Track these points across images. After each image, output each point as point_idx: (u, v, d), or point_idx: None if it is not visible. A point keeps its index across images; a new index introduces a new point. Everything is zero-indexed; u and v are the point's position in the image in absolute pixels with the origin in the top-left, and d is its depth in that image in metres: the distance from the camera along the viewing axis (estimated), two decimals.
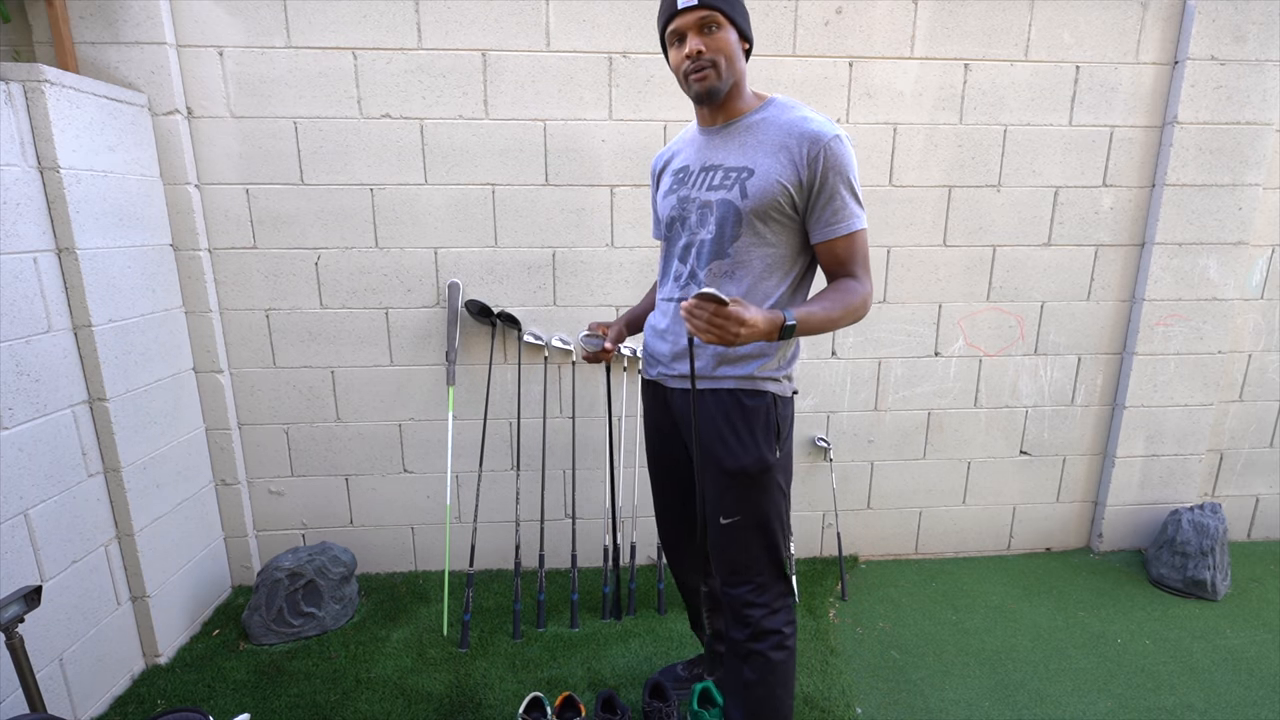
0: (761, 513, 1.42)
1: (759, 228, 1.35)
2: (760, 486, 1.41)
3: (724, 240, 1.37)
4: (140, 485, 1.96)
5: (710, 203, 1.38)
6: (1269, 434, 2.77)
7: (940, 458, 2.65)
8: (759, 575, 1.44)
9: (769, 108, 1.39)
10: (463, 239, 2.30)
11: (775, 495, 1.43)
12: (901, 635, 2.22)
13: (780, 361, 1.41)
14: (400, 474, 2.47)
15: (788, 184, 1.31)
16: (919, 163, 2.37)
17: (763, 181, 1.32)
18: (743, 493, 1.42)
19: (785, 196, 1.32)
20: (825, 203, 1.32)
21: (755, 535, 1.43)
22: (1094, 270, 2.51)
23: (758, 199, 1.32)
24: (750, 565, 1.44)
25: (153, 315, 2.04)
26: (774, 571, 1.46)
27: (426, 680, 1.98)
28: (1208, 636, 2.21)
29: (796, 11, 2.21)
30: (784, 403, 1.44)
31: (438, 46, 2.15)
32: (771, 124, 1.36)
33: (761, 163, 1.33)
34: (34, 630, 1.56)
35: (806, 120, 1.33)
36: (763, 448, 1.39)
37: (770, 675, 1.44)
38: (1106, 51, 2.32)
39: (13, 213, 1.60)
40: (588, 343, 1.57)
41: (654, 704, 1.77)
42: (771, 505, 1.43)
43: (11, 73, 1.62)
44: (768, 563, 1.45)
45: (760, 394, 1.40)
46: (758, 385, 1.40)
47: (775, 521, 1.44)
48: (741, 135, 1.38)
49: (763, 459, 1.39)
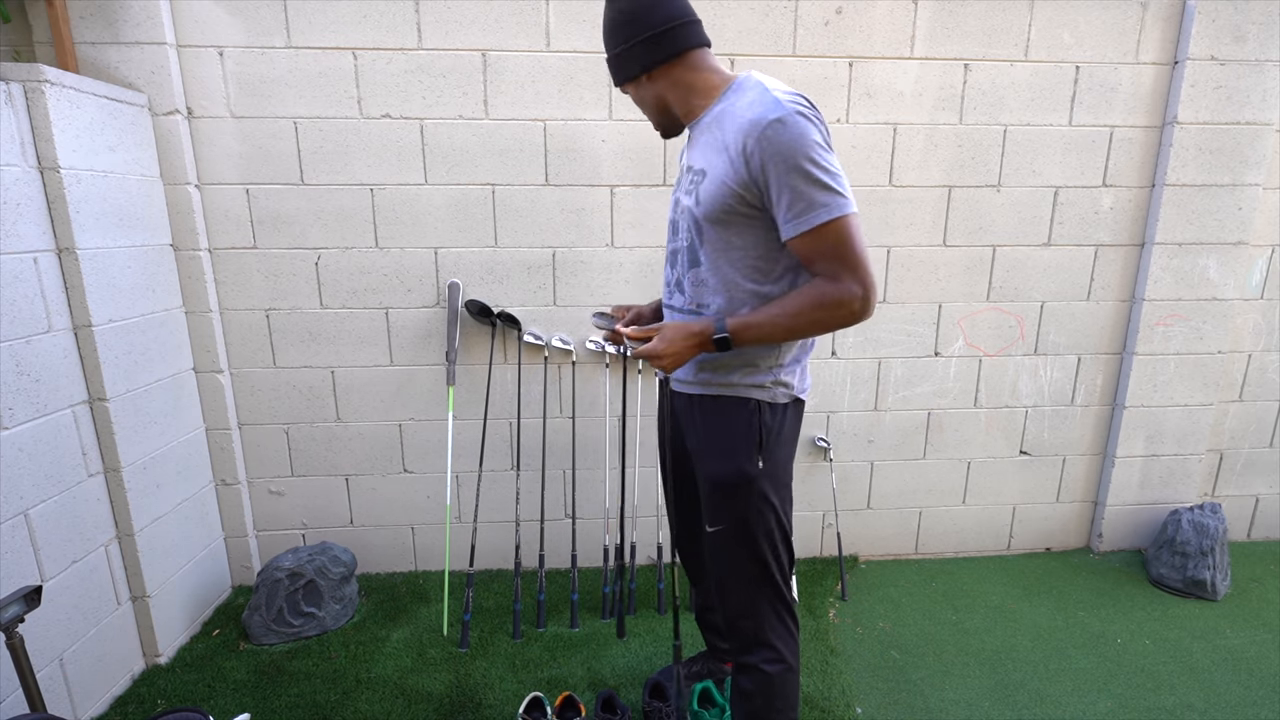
0: (743, 525, 1.35)
1: (722, 232, 1.26)
2: (740, 498, 1.34)
3: (695, 248, 1.31)
4: (140, 485, 1.97)
5: (685, 207, 1.32)
6: (1269, 434, 2.77)
7: (940, 458, 2.65)
8: (748, 587, 1.39)
9: (728, 94, 1.26)
10: (463, 239, 2.30)
11: (759, 508, 1.34)
12: (901, 635, 2.22)
13: (770, 368, 1.32)
14: (400, 474, 2.47)
15: (732, 183, 1.20)
16: (919, 163, 2.37)
17: (711, 185, 1.23)
18: (723, 503, 1.36)
19: (735, 197, 1.21)
20: (779, 197, 1.16)
21: (739, 547, 1.37)
22: (1094, 270, 2.51)
23: (708, 204, 1.24)
24: (737, 576, 1.39)
25: (153, 315, 2.04)
26: (765, 586, 1.38)
27: (426, 680, 1.98)
28: (1208, 636, 2.21)
29: (796, 11, 2.21)
30: (773, 410, 1.34)
31: (438, 46, 2.15)
32: (727, 115, 1.23)
33: (713, 163, 1.23)
34: (34, 630, 1.56)
35: (749, 106, 1.18)
36: (740, 458, 1.32)
37: (767, 688, 1.40)
38: (1106, 51, 2.32)
39: (13, 213, 1.60)
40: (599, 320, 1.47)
41: (654, 704, 1.77)
42: (755, 518, 1.35)
43: (11, 73, 1.62)
44: (756, 576, 1.38)
45: (742, 401, 1.33)
46: (739, 392, 1.32)
47: (760, 535, 1.35)
48: (707, 131, 1.28)
49: (741, 470, 1.32)
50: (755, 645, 1.41)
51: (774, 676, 1.39)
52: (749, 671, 1.42)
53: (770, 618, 1.40)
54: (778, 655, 1.40)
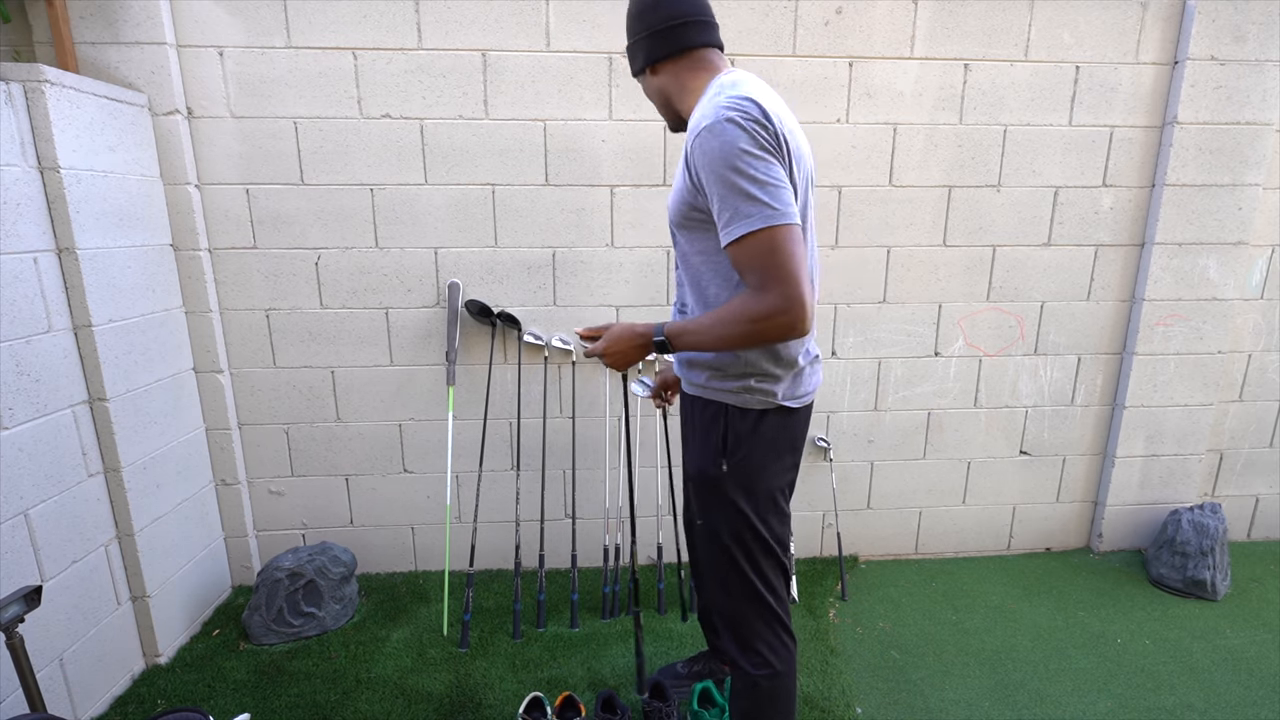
0: (713, 523, 1.36)
1: (690, 237, 1.29)
2: (710, 495, 1.35)
3: (678, 252, 1.38)
4: (140, 485, 1.97)
5: None
6: (1269, 434, 2.77)
7: (940, 458, 2.65)
8: (727, 588, 1.38)
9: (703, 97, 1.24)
10: (463, 239, 2.30)
11: (726, 509, 1.33)
12: (901, 635, 2.22)
13: (739, 375, 1.29)
14: (400, 474, 2.47)
15: (685, 191, 1.23)
16: (919, 163, 2.37)
17: (674, 191, 1.29)
18: (695, 498, 1.42)
19: (687, 204, 1.23)
20: (712, 205, 1.16)
21: (710, 544, 1.38)
22: (1094, 270, 2.51)
23: (673, 210, 1.30)
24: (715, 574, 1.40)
25: (153, 315, 2.04)
26: (746, 591, 1.36)
27: (426, 680, 1.98)
28: (1208, 636, 2.21)
29: (796, 11, 2.21)
30: (743, 415, 1.31)
31: (438, 46, 2.15)
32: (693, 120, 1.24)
33: (677, 171, 1.30)
34: (34, 630, 1.56)
35: (698, 111, 1.19)
36: (706, 458, 1.34)
37: (755, 693, 1.39)
38: (1106, 51, 2.32)
39: (13, 213, 1.60)
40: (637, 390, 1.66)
41: (654, 704, 1.77)
42: (722, 518, 1.34)
43: (12, 73, 1.62)
44: (734, 579, 1.36)
45: (710, 403, 1.35)
46: (709, 395, 1.34)
47: (728, 537, 1.34)
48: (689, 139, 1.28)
49: (704, 470, 1.35)
50: (743, 649, 1.40)
51: (760, 681, 1.38)
52: (739, 674, 1.42)
53: (756, 623, 1.38)
54: (764, 661, 1.38)
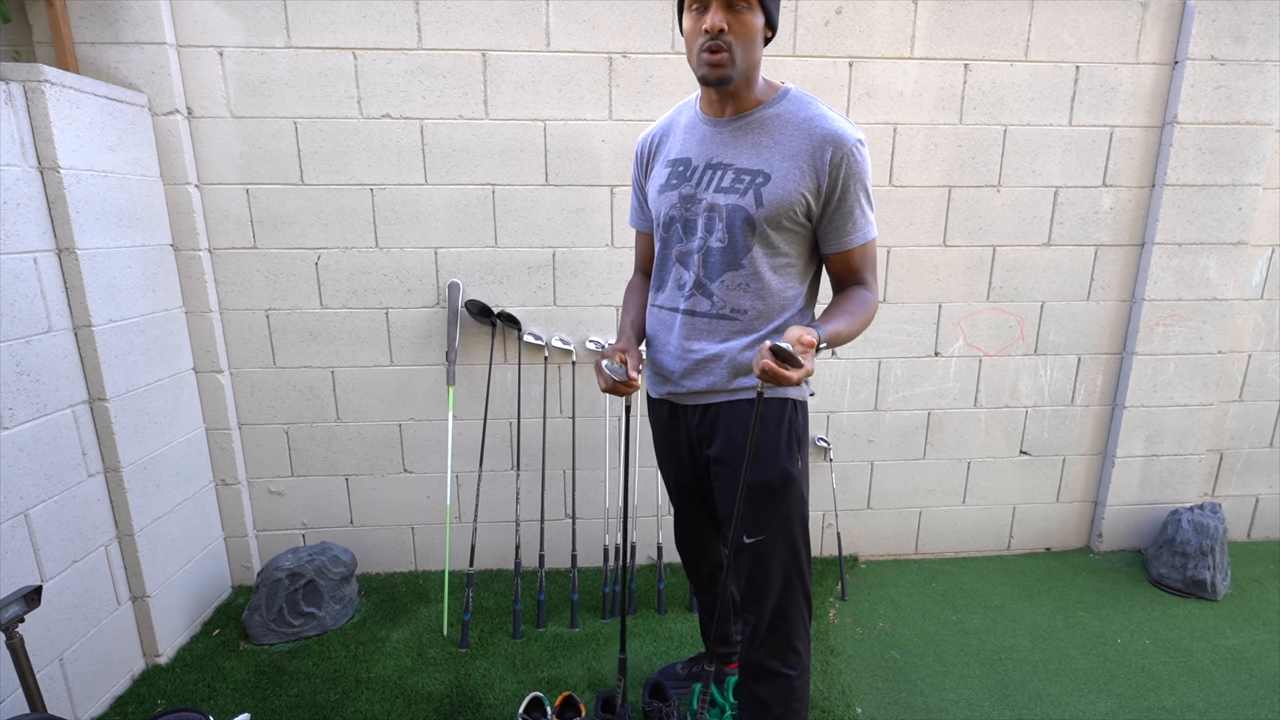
0: (786, 527, 1.36)
1: (772, 237, 1.26)
2: (783, 499, 1.35)
3: (737, 250, 1.27)
4: (140, 485, 1.96)
5: (719, 206, 1.27)
6: (1269, 434, 2.77)
7: (940, 458, 2.65)
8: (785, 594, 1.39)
9: (783, 101, 1.27)
10: (463, 239, 2.30)
11: (799, 507, 1.37)
12: (901, 635, 2.22)
13: None
14: (400, 474, 2.47)
15: (806, 192, 1.22)
16: (919, 163, 2.37)
17: (779, 190, 1.23)
18: (766, 508, 1.35)
19: (802, 206, 1.24)
20: (844, 212, 1.25)
21: (781, 553, 1.37)
22: (1094, 270, 2.51)
23: (774, 207, 1.23)
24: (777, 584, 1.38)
25: (153, 315, 2.04)
26: (800, 590, 1.40)
27: (426, 680, 1.98)
28: (1208, 636, 2.21)
29: (796, 11, 2.21)
30: (803, 409, 1.37)
31: (438, 46, 2.15)
32: (788, 121, 1.24)
33: (779, 167, 1.23)
34: (34, 630, 1.56)
35: (826, 119, 1.22)
36: (784, 458, 1.33)
37: (788, 693, 1.41)
38: (1106, 51, 2.32)
39: (13, 213, 1.60)
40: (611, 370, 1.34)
41: (654, 704, 1.77)
42: (796, 518, 1.37)
43: (11, 73, 1.62)
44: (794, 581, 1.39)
45: (781, 402, 1.33)
46: (777, 392, 1.31)
47: (799, 536, 1.38)
48: (755, 132, 1.26)
49: (785, 470, 1.33)
50: (780, 651, 1.40)
51: (794, 680, 1.42)
52: (771, 678, 1.41)
53: (799, 625, 1.41)
54: (799, 659, 1.42)
